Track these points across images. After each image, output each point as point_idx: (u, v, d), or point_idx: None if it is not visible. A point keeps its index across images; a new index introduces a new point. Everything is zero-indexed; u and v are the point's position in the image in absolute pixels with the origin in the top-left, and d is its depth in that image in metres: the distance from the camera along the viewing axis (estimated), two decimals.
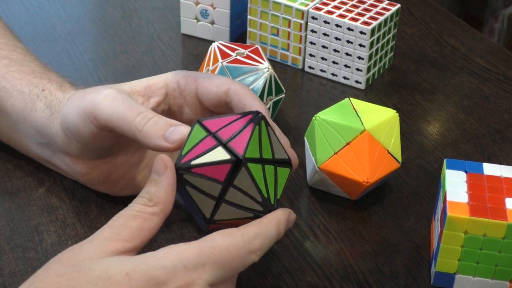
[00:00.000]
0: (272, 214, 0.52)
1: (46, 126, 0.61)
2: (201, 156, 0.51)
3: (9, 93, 0.63)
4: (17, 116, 0.63)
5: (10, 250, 0.60)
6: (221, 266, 0.48)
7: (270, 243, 0.51)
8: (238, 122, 0.52)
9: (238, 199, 0.52)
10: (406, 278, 0.60)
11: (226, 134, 0.51)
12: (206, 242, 0.48)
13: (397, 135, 0.67)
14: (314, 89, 0.84)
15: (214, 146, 0.51)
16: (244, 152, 0.50)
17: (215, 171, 0.51)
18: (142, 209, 0.50)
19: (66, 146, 0.61)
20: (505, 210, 0.55)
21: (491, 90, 0.85)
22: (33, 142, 0.64)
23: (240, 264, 0.49)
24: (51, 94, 0.62)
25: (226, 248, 0.48)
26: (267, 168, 0.52)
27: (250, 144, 0.51)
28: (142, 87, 0.59)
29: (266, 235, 0.51)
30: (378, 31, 0.81)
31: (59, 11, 0.95)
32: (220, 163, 0.50)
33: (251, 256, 0.50)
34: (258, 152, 0.52)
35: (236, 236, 0.49)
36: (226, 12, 0.87)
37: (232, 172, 0.50)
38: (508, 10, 1.88)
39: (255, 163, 0.51)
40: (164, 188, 0.50)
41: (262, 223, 0.51)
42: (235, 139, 0.51)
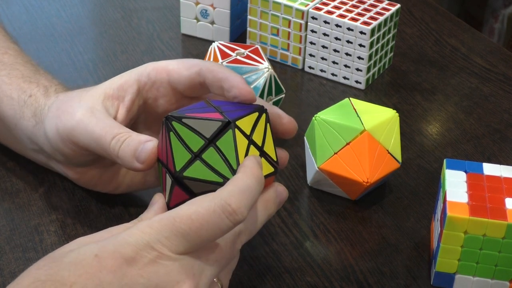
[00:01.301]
0: (240, 168, 0.50)
1: (34, 135, 0.61)
2: (166, 190, 0.53)
3: (0, 98, 0.63)
4: (9, 123, 0.63)
5: (10, 250, 0.60)
6: (184, 236, 0.47)
7: (252, 196, 0.49)
8: (163, 137, 0.53)
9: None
10: (406, 278, 0.60)
11: (164, 156, 0.53)
12: (168, 213, 0.48)
13: (397, 135, 0.67)
14: (314, 89, 0.84)
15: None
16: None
17: (178, 195, 0.52)
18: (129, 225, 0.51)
19: (53, 154, 0.61)
20: (505, 210, 0.55)
21: (491, 90, 0.85)
22: (27, 148, 0.64)
23: (214, 230, 0.47)
24: (36, 101, 0.62)
25: (188, 217, 0.47)
26: (207, 155, 0.52)
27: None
28: (114, 89, 0.59)
29: (243, 188, 0.48)
30: (378, 31, 0.81)
31: (59, 11, 0.95)
32: (172, 189, 0.52)
33: (229, 217, 0.47)
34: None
35: (204, 202, 0.48)
36: (226, 12, 0.87)
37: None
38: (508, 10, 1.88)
39: (192, 163, 0.51)
40: (154, 210, 0.53)
41: (235, 179, 0.49)
42: (168, 159, 0.52)
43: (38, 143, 0.62)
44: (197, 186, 0.52)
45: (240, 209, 0.48)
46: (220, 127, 0.51)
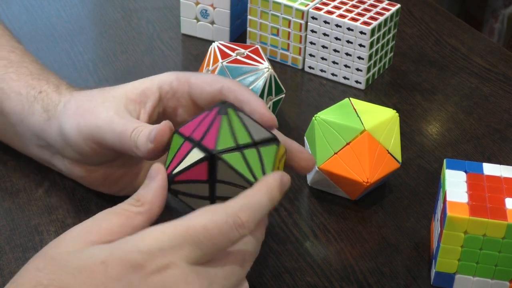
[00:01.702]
0: (260, 182, 0.51)
1: (44, 130, 0.61)
2: (180, 163, 0.51)
3: (7, 95, 0.63)
4: (15, 119, 0.63)
5: (10, 250, 0.60)
6: (198, 245, 0.47)
7: (261, 212, 0.49)
8: (207, 118, 0.52)
9: (228, 192, 0.51)
10: (406, 278, 0.60)
11: (199, 134, 0.52)
12: (182, 221, 0.47)
13: (397, 135, 0.67)
14: (314, 89, 0.84)
15: (190, 149, 0.51)
16: (215, 146, 0.50)
17: (196, 172, 0.51)
18: (127, 207, 0.50)
19: (63, 150, 0.61)
20: (505, 210, 0.55)
21: (491, 90, 0.85)
22: (32, 144, 0.64)
23: (225, 240, 0.48)
24: (48, 97, 0.62)
25: (203, 226, 0.47)
26: (248, 153, 0.52)
27: (221, 136, 0.51)
28: (137, 94, 0.59)
29: (255, 204, 0.49)
30: (378, 31, 0.81)
31: (59, 11, 0.95)
32: (197, 163, 0.51)
33: (238, 230, 0.48)
34: (233, 141, 0.51)
35: (217, 212, 0.48)
36: (226, 12, 0.87)
37: (210, 168, 0.50)
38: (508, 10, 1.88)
39: (232, 151, 0.51)
40: (153, 190, 0.51)
41: (249, 194, 0.50)
42: (206, 136, 0.51)
43: (47, 138, 0.61)
44: (226, 173, 0.51)
45: (248, 223, 0.48)
46: (269, 137, 0.52)
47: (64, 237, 0.48)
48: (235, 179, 0.51)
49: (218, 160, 0.50)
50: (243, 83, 0.70)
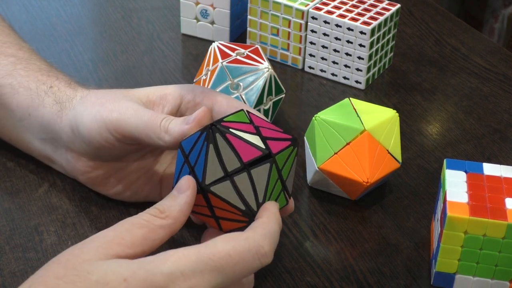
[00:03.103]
0: (266, 212, 0.52)
1: (53, 121, 0.61)
2: (239, 131, 0.52)
3: (15, 90, 0.63)
4: (22, 113, 0.63)
5: (10, 250, 0.60)
6: (221, 272, 0.47)
7: (277, 240, 0.51)
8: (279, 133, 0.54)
9: (243, 186, 0.52)
10: (406, 278, 0.60)
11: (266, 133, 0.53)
12: (206, 247, 0.48)
13: (397, 135, 0.67)
14: (314, 89, 0.84)
15: (253, 133, 0.52)
16: (277, 153, 0.52)
17: (245, 150, 0.51)
18: (151, 219, 0.50)
19: (70, 142, 0.61)
20: (505, 210, 0.55)
21: (491, 90, 0.85)
22: (36, 138, 0.64)
23: (246, 269, 0.49)
24: (60, 91, 0.62)
25: (227, 254, 0.48)
26: (278, 184, 0.53)
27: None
28: (157, 96, 0.60)
29: (273, 233, 0.50)
30: (378, 31, 0.81)
31: (59, 11, 0.95)
32: (253, 146, 0.52)
33: (261, 259, 0.49)
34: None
35: (240, 240, 0.48)
36: (226, 12, 0.87)
37: (257, 161, 0.51)
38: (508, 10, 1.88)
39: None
40: (180, 205, 0.51)
41: (265, 223, 0.51)
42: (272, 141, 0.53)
43: (54, 130, 0.62)
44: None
45: (270, 252, 0.49)
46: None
47: (87, 245, 0.48)
48: (259, 185, 0.52)
49: (268, 162, 0.52)
50: (243, 83, 0.70)
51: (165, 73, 0.84)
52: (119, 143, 0.58)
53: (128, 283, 0.45)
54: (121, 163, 0.62)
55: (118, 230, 0.49)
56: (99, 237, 0.48)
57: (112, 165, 0.62)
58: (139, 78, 0.83)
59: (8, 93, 0.64)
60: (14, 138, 0.66)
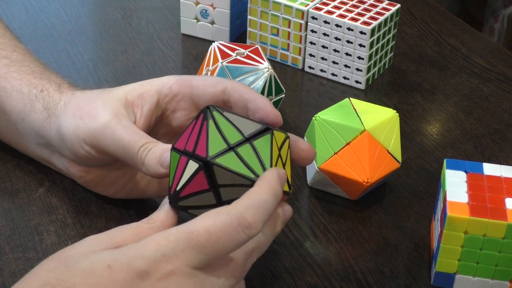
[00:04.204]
0: (260, 180, 0.50)
1: (44, 128, 0.61)
2: (181, 178, 0.52)
3: (9, 93, 0.63)
4: (16, 117, 0.63)
5: (10, 250, 0.60)
6: (201, 250, 0.46)
7: (268, 210, 0.49)
8: (196, 127, 0.52)
9: (234, 194, 0.51)
10: (406, 278, 0.60)
11: (191, 145, 0.52)
12: (184, 226, 0.47)
13: (397, 135, 0.67)
14: (314, 89, 0.84)
15: (186, 162, 0.51)
16: (206, 153, 0.50)
17: (196, 184, 0.51)
18: (140, 224, 0.51)
19: (60, 149, 0.61)
20: (505, 210, 0.55)
21: (491, 90, 0.85)
22: (32, 142, 0.64)
23: (230, 243, 0.47)
24: (49, 96, 0.62)
25: (206, 230, 0.47)
26: (242, 150, 0.51)
27: (211, 141, 0.51)
28: (134, 96, 0.59)
29: (259, 203, 0.48)
30: (378, 31, 0.81)
31: (59, 11, 0.95)
32: (195, 174, 0.51)
33: (245, 231, 0.47)
34: (224, 142, 0.51)
35: (221, 215, 0.47)
36: (226, 12, 0.87)
37: (208, 176, 0.50)
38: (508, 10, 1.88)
39: (225, 153, 0.51)
40: (165, 211, 0.52)
41: (251, 192, 0.49)
42: (198, 146, 0.51)
43: (46, 137, 0.62)
44: (224, 177, 0.50)
45: (255, 223, 0.48)
46: (260, 129, 0.52)
47: (80, 243, 0.49)
48: (235, 180, 0.51)
49: (212, 166, 0.50)
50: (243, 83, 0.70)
51: (165, 73, 0.84)
52: (100, 155, 0.59)
53: (112, 269, 0.46)
54: (112, 168, 0.62)
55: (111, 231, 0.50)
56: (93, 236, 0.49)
57: (104, 170, 0.62)
58: (139, 78, 0.83)
59: (2, 97, 0.63)
60: (13, 140, 0.66)
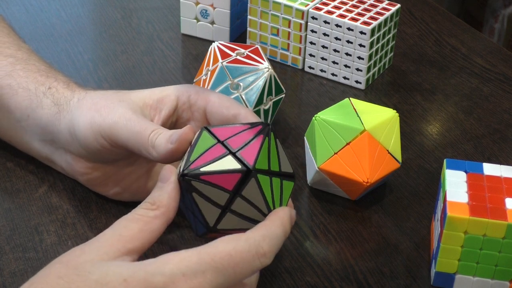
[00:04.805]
0: (273, 215, 0.52)
1: (51, 123, 0.61)
2: (210, 163, 0.51)
3: (14, 90, 0.63)
4: (21, 114, 0.63)
5: (10, 250, 0.60)
6: (222, 272, 0.47)
7: (278, 243, 0.51)
8: (247, 132, 0.52)
9: (244, 209, 0.51)
10: (406, 278, 0.60)
11: (236, 143, 0.51)
12: (207, 248, 0.48)
13: (397, 135, 0.67)
14: (314, 89, 0.84)
15: (224, 154, 0.51)
16: (254, 163, 0.50)
17: (224, 179, 0.50)
18: (144, 213, 0.50)
19: (69, 145, 0.61)
20: (505, 210, 0.55)
21: (491, 90, 0.85)
22: (35, 139, 0.64)
23: (247, 269, 0.49)
24: (58, 92, 0.62)
25: (228, 254, 0.48)
26: (274, 181, 0.52)
27: (260, 155, 0.51)
28: (154, 100, 0.60)
29: (273, 235, 0.50)
30: (378, 31, 0.81)
31: (59, 11, 0.95)
32: (230, 172, 0.50)
33: (260, 259, 0.49)
34: (267, 164, 0.51)
35: (240, 241, 0.48)
36: (226, 12, 0.87)
37: (241, 182, 0.50)
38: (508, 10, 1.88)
39: (264, 174, 0.51)
40: (168, 193, 0.51)
41: (267, 225, 0.51)
42: (245, 149, 0.51)
43: (53, 132, 0.62)
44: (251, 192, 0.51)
45: (270, 253, 0.49)
46: (290, 173, 0.52)
47: (88, 247, 0.48)
48: (257, 200, 0.51)
49: (252, 177, 0.50)
50: (243, 83, 0.70)
51: (165, 73, 0.84)
52: (114, 148, 0.59)
53: (128, 284, 0.45)
54: (121, 165, 0.62)
55: (115, 228, 0.49)
56: (98, 238, 0.49)
57: (111, 167, 0.62)
58: (139, 78, 0.83)
59: (7, 94, 0.64)
60: (14, 139, 0.66)
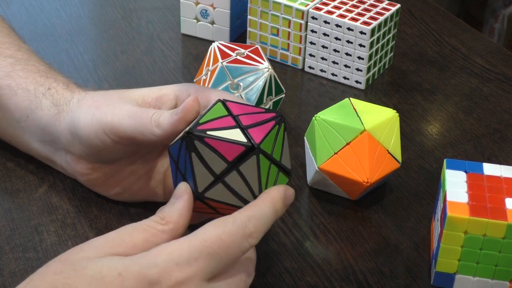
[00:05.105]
0: (264, 194, 0.52)
1: (51, 124, 0.61)
2: (217, 130, 0.51)
3: (14, 91, 0.63)
4: (21, 114, 0.63)
5: (10, 250, 0.60)
6: (214, 257, 0.47)
7: (267, 223, 0.50)
8: (261, 115, 0.53)
9: (236, 184, 0.51)
10: (406, 278, 0.60)
11: (247, 120, 0.52)
12: (196, 235, 0.48)
13: (397, 135, 0.67)
14: (314, 89, 0.84)
15: (233, 126, 0.52)
16: (260, 142, 0.51)
17: (226, 148, 0.51)
18: (152, 225, 0.50)
19: (69, 145, 0.61)
20: (505, 210, 0.55)
21: (491, 90, 0.85)
22: (35, 140, 0.64)
23: (237, 250, 0.49)
24: (58, 93, 0.62)
25: (218, 238, 0.48)
26: (272, 168, 0.53)
27: (267, 138, 0.51)
28: (153, 98, 0.60)
29: (261, 215, 0.50)
30: (378, 31, 0.81)
31: (59, 11, 0.95)
32: (234, 143, 0.51)
33: (248, 240, 0.49)
34: (271, 149, 0.52)
35: (228, 223, 0.49)
36: (226, 12, 0.87)
37: (242, 156, 0.51)
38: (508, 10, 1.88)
39: (265, 157, 0.51)
40: (179, 210, 0.51)
41: (255, 204, 0.51)
42: (255, 128, 0.52)
43: (53, 133, 0.62)
44: (248, 169, 0.51)
45: (256, 233, 0.49)
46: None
47: (87, 245, 0.48)
48: (251, 179, 0.51)
49: (254, 155, 0.51)
50: (243, 83, 0.70)
51: (165, 73, 0.84)
52: (116, 144, 0.59)
53: (123, 277, 0.46)
54: (121, 165, 0.62)
55: (120, 232, 0.49)
56: (100, 238, 0.49)
57: (112, 167, 0.62)
58: (139, 78, 0.83)
59: (6, 95, 0.64)
60: (14, 139, 0.66)
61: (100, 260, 0.47)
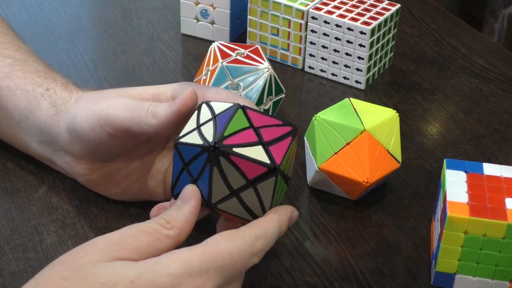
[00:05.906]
0: (273, 214, 0.53)
1: (50, 125, 0.61)
2: (241, 147, 0.51)
3: (13, 92, 0.63)
4: (20, 115, 0.63)
5: (10, 250, 0.60)
6: (224, 271, 0.48)
7: (271, 243, 0.52)
8: (279, 128, 0.54)
9: (250, 200, 0.52)
10: (406, 278, 0.60)
11: (267, 135, 0.53)
12: (209, 246, 0.48)
13: (397, 135, 0.67)
14: (314, 89, 0.84)
15: (255, 142, 0.52)
16: (280, 163, 0.52)
17: (249, 167, 0.51)
18: (157, 228, 0.50)
19: (68, 146, 0.61)
20: (505, 210, 0.55)
21: (491, 90, 0.85)
22: (35, 140, 0.64)
23: (242, 266, 0.50)
24: (56, 94, 0.62)
25: (229, 253, 0.48)
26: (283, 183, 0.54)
27: (285, 157, 0.52)
28: (151, 95, 0.60)
29: (268, 236, 0.51)
30: (378, 31, 0.81)
31: (59, 11, 0.95)
32: (257, 163, 0.51)
33: (253, 258, 0.50)
34: (285, 166, 0.53)
35: (238, 239, 0.49)
36: (226, 12, 0.87)
37: (263, 175, 0.51)
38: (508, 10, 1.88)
39: (281, 176, 0.53)
40: (185, 215, 0.51)
41: (264, 223, 0.52)
42: (275, 145, 0.52)
43: (52, 134, 0.62)
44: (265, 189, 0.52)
45: (260, 252, 0.51)
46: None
47: (91, 247, 0.48)
48: (265, 197, 0.52)
49: (273, 177, 0.52)
50: (243, 83, 0.70)
51: (165, 73, 0.84)
52: (112, 138, 0.58)
53: (135, 285, 0.46)
54: (121, 165, 0.62)
55: (124, 234, 0.49)
56: (104, 239, 0.49)
57: (112, 167, 0.62)
58: (139, 78, 0.83)
59: (5, 95, 0.63)
60: (14, 139, 0.66)
61: (109, 265, 0.47)
